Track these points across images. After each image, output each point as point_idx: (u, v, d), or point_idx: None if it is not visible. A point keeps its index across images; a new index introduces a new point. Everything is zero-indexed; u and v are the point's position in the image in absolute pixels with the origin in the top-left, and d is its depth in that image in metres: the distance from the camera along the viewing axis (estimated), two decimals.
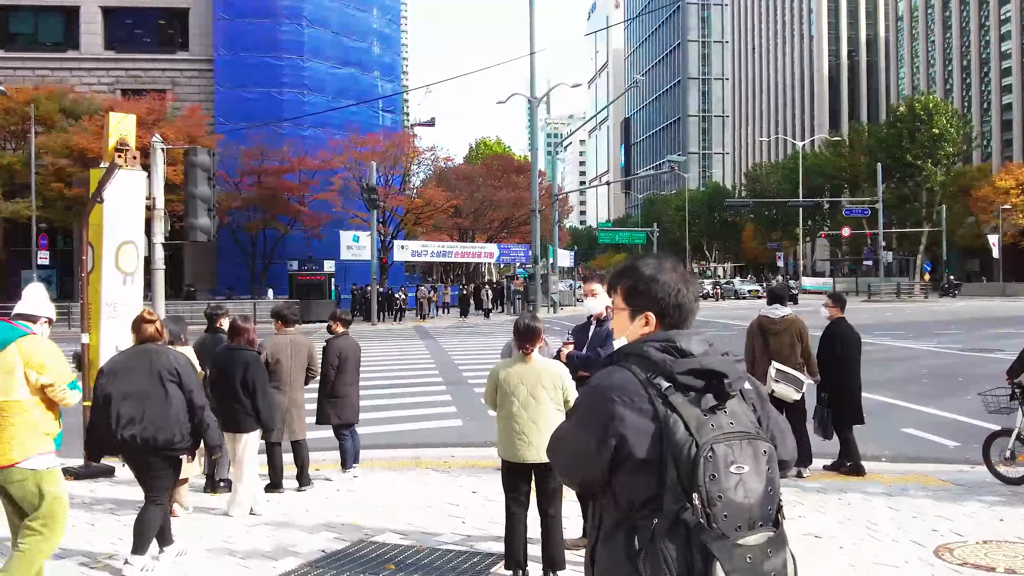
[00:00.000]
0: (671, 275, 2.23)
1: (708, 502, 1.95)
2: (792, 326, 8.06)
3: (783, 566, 2.04)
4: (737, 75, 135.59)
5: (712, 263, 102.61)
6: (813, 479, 7.87)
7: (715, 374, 2.08)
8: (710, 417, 2.04)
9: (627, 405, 2.06)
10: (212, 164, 9.78)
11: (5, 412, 4.42)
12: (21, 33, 47.35)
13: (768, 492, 2.03)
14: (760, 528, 2.00)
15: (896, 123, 64.17)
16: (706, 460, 1.97)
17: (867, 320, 31.98)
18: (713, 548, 1.94)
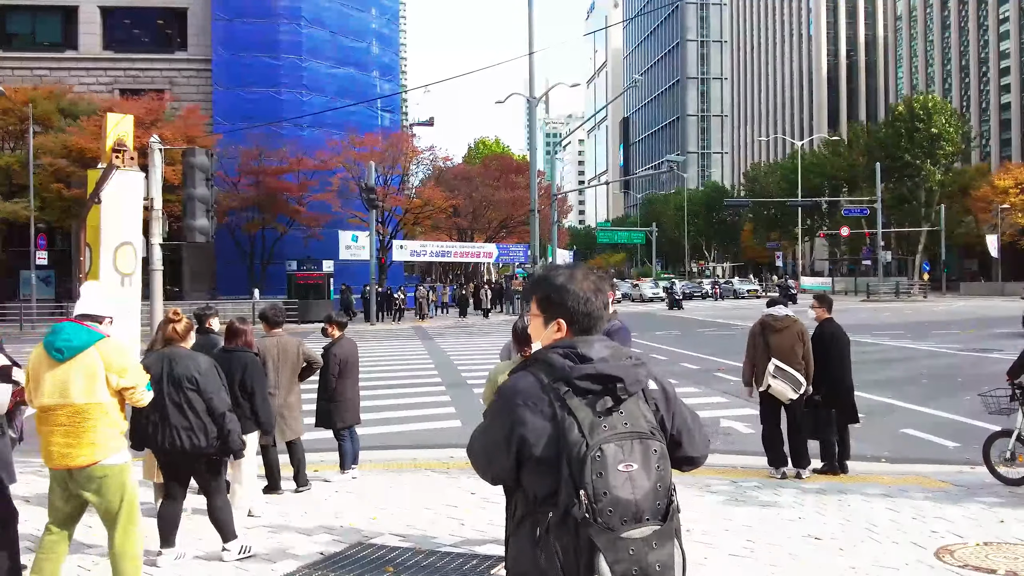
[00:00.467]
0: (581, 285, 2.37)
1: (594, 498, 2.09)
2: (794, 327, 8.11)
3: (669, 558, 2.17)
4: (736, 75, 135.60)
5: (711, 263, 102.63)
6: (813, 480, 7.86)
7: (611, 378, 2.23)
8: (604, 419, 2.19)
9: (529, 408, 2.22)
10: (210, 165, 9.75)
11: (88, 414, 4.50)
12: (19, 33, 47.27)
13: (657, 488, 2.17)
14: (647, 522, 2.14)
15: (894, 123, 64.20)
16: (594, 459, 2.12)
17: (865, 320, 31.99)
18: (597, 541, 2.08)
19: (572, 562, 2.12)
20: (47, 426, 4.54)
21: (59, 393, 4.49)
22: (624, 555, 2.09)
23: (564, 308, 2.37)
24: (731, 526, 6.28)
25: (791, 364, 7.90)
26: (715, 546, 5.82)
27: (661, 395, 2.36)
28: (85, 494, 4.61)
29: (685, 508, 6.72)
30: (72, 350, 4.50)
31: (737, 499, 7.10)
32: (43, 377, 4.54)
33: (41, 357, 4.59)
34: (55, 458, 4.54)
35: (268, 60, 45.74)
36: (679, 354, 20.50)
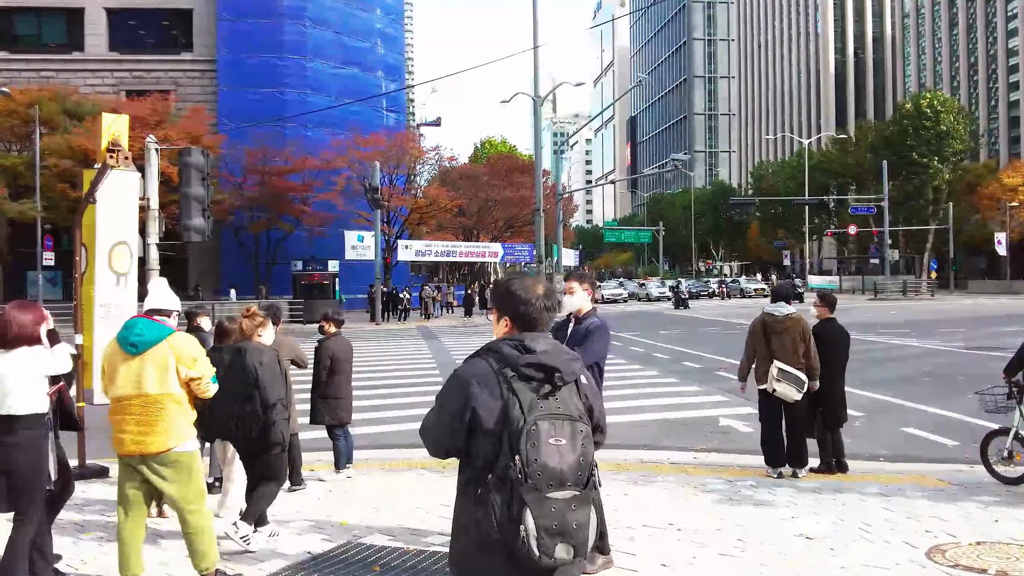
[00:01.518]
0: (529, 291, 2.83)
1: (527, 463, 2.52)
2: (796, 325, 7.96)
3: (586, 519, 2.58)
4: (743, 73, 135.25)
5: (718, 261, 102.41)
6: (809, 479, 7.81)
7: (551, 368, 2.67)
8: (542, 401, 2.62)
9: (481, 387, 2.66)
10: (206, 164, 9.74)
11: (161, 403, 4.82)
12: (25, 35, 47.50)
13: (580, 461, 2.59)
14: (569, 488, 2.55)
15: (902, 120, 63.94)
16: (529, 432, 2.54)
17: (871, 318, 31.87)
18: (526, 498, 2.50)
19: (505, 515, 2.54)
20: (120, 415, 4.86)
21: (133, 384, 4.82)
22: (547, 512, 2.51)
23: (511, 309, 2.83)
24: (723, 525, 6.23)
25: (793, 364, 7.80)
26: (706, 545, 5.78)
27: (590, 389, 2.81)
28: (156, 479, 4.89)
29: (679, 508, 6.74)
30: (145, 344, 4.84)
31: (731, 498, 7.05)
32: (118, 370, 4.87)
33: (115, 351, 4.93)
34: (128, 445, 4.84)
35: (272, 60, 45.84)
36: (682, 353, 20.44)
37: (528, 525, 2.51)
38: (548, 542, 2.52)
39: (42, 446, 4.85)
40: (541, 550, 2.52)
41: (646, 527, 6.18)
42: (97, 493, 7.90)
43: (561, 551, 2.55)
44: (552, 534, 2.52)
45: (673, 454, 9.18)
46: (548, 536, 2.52)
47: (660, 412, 12.00)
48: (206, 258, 46.32)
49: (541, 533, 2.51)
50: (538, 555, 2.52)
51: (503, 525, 2.55)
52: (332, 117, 46.93)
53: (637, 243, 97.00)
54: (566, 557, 2.56)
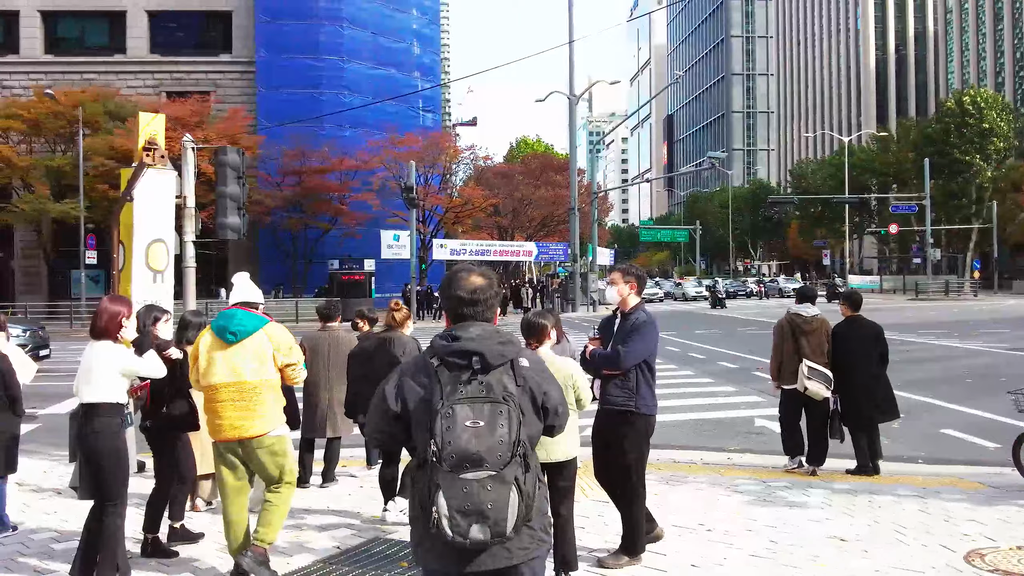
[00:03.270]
0: (459, 285, 2.95)
1: (441, 446, 2.60)
2: (823, 326, 8.07)
3: (503, 500, 2.60)
4: (782, 70, 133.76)
5: (757, 261, 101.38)
6: (844, 480, 7.69)
7: (472, 353, 2.75)
8: (463, 385, 2.70)
9: (411, 377, 2.83)
10: (241, 163, 9.84)
11: (259, 389, 5.07)
12: (69, 38, 48.31)
13: (499, 443, 2.62)
14: (485, 468, 2.59)
15: (944, 118, 62.80)
16: (444, 416, 2.63)
17: (912, 318, 31.36)
18: (439, 480, 2.60)
19: (425, 496, 2.66)
20: (217, 403, 5.05)
21: (231, 372, 5.04)
22: (459, 493, 2.59)
23: (445, 302, 3.00)
24: (755, 526, 6.16)
25: (819, 363, 7.88)
26: (736, 546, 5.71)
27: (533, 371, 2.86)
28: (251, 462, 5.14)
29: (710, 508, 6.67)
30: (244, 333, 5.07)
31: (764, 499, 6.96)
32: (215, 359, 5.07)
33: (212, 341, 5.13)
34: (226, 430, 5.05)
35: (310, 61, 46.19)
36: (718, 353, 20.26)
37: (440, 506, 2.60)
38: (461, 522, 2.59)
39: (120, 433, 5.07)
40: (454, 530, 2.60)
41: (676, 527, 6.12)
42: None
43: (476, 531, 2.60)
44: (466, 514, 2.59)
45: (706, 454, 9.10)
46: (462, 516, 2.59)
47: (694, 412, 11.91)
48: (244, 257, 46.72)
49: (453, 514, 2.59)
50: (451, 535, 2.60)
51: (423, 507, 2.69)
52: (368, 117, 47.20)
53: (673, 242, 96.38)
54: (481, 537, 2.61)
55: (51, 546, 6.03)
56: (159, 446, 5.95)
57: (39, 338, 19.32)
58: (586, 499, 6.89)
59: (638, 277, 5.59)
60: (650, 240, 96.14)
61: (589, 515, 6.46)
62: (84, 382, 5.01)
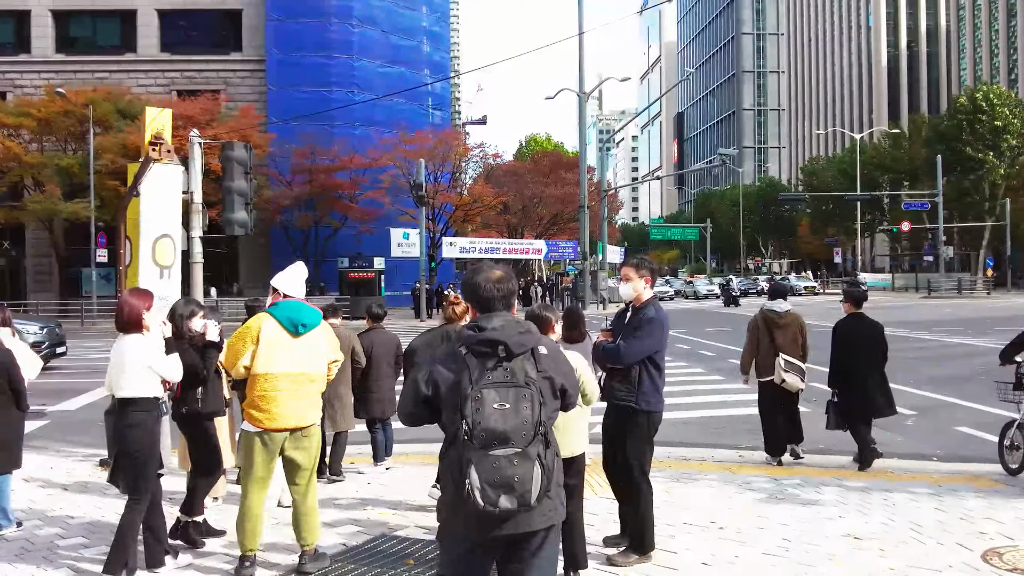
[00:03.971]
0: (482, 280, 3.26)
1: (472, 426, 2.91)
2: (795, 321, 8.51)
3: (528, 474, 2.92)
4: (793, 68, 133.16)
5: (767, 259, 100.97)
6: (857, 478, 7.57)
7: (497, 343, 3.05)
8: (490, 372, 3.01)
9: (442, 365, 3.13)
10: (248, 159, 9.76)
11: (314, 382, 5.22)
12: (80, 37, 48.44)
13: (524, 423, 2.94)
14: (511, 446, 2.91)
15: (956, 115, 62.32)
16: (474, 399, 2.94)
17: (925, 316, 31.13)
18: (470, 456, 2.90)
19: (457, 471, 2.96)
20: (276, 391, 5.06)
21: (295, 363, 5.12)
22: (488, 467, 2.89)
23: (469, 296, 3.31)
24: (767, 524, 6.06)
25: (794, 356, 8.28)
26: (748, 544, 5.61)
27: (551, 360, 3.20)
28: (292, 452, 5.16)
29: (722, 506, 6.58)
30: (311, 326, 5.20)
31: (776, 496, 6.86)
32: (278, 348, 5.09)
33: (277, 331, 5.13)
34: (284, 419, 5.08)
35: (320, 59, 46.19)
36: (727, 350, 20.09)
37: (472, 479, 2.90)
38: (491, 494, 2.90)
39: (154, 429, 5.14)
40: (485, 501, 2.89)
41: (687, 525, 6.03)
42: None
43: (504, 501, 2.91)
44: (495, 486, 2.90)
45: (717, 452, 9.01)
46: (491, 488, 2.90)
47: (704, 410, 11.81)
48: (255, 255, 46.87)
49: (484, 486, 2.89)
50: (483, 505, 2.90)
51: (456, 481, 2.98)
52: (378, 116, 47.17)
53: (684, 240, 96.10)
54: (510, 507, 2.93)
55: (56, 542, 5.98)
56: (194, 433, 5.98)
57: (55, 336, 19.33)
58: (595, 496, 6.80)
59: (651, 270, 5.51)
60: (660, 238, 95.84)
61: (599, 512, 6.38)
62: (116, 377, 5.07)
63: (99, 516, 6.64)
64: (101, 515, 6.65)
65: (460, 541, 3.09)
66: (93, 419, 11.56)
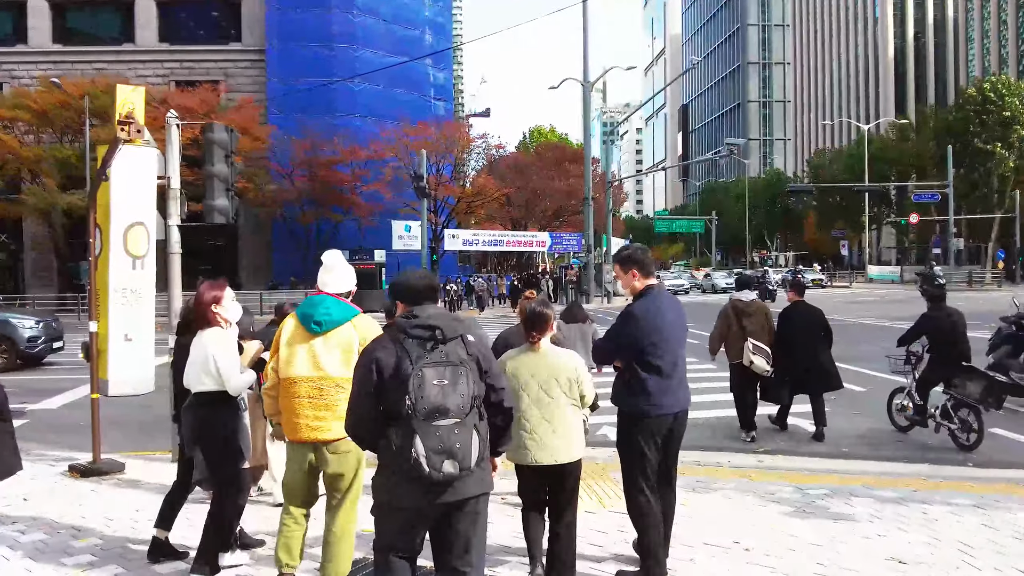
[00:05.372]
0: (410, 276, 3.65)
1: (415, 400, 3.21)
2: (760, 309, 9.49)
3: (467, 441, 3.25)
4: (799, 60, 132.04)
5: (773, 252, 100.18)
6: (887, 486, 6.90)
7: (433, 327, 3.38)
8: (428, 353, 3.33)
9: (382, 350, 3.42)
10: (230, 141, 9.11)
11: (342, 387, 4.37)
12: (78, 28, 47.85)
13: (461, 396, 3.27)
14: (451, 416, 3.23)
15: (964, 106, 61.48)
16: (416, 376, 3.25)
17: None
18: (416, 427, 3.20)
19: (404, 443, 3.23)
20: (295, 399, 4.48)
21: (314, 365, 4.47)
22: (432, 436, 3.20)
23: (403, 293, 3.62)
24: (797, 544, 5.40)
25: (761, 341, 9.14)
26: (779, 570, 4.96)
27: (478, 347, 3.52)
28: (322, 466, 4.53)
29: (744, 521, 5.91)
30: (331, 323, 4.50)
31: (804, 510, 6.20)
32: (296, 349, 4.51)
33: (295, 329, 4.57)
34: (302, 430, 4.48)
35: (321, 50, 45.56)
36: None
37: (418, 448, 3.19)
38: (436, 460, 3.20)
39: (232, 423, 4.97)
40: (431, 466, 3.20)
41: (707, 546, 5.38)
42: (106, 490, 7.32)
43: (448, 466, 3.22)
44: (439, 453, 3.20)
45: (733, 456, 8.36)
46: (436, 455, 3.20)
47: (717, 410, 11.14)
48: (257, 249, 46.37)
49: (430, 453, 3.19)
50: (428, 471, 3.20)
51: (402, 451, 3.23)
52: (380, 107, 46.54)
53: (689, 234, 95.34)
54: (452, 471, 3.23)
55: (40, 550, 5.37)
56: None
57: (52, 330, 18.90)
58: (604, 510, 6.17)
59: (637, 262, 4.81)
60: (665, 231, 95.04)
61: (608, 530, 5.73)
62: (194, 372, 4.89)
63: (61, 528, 6.01)
64: (63, 527, 6.03)
65: (399, 512, 3.38)
66: (75, 419, 10.98)
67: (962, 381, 8.69)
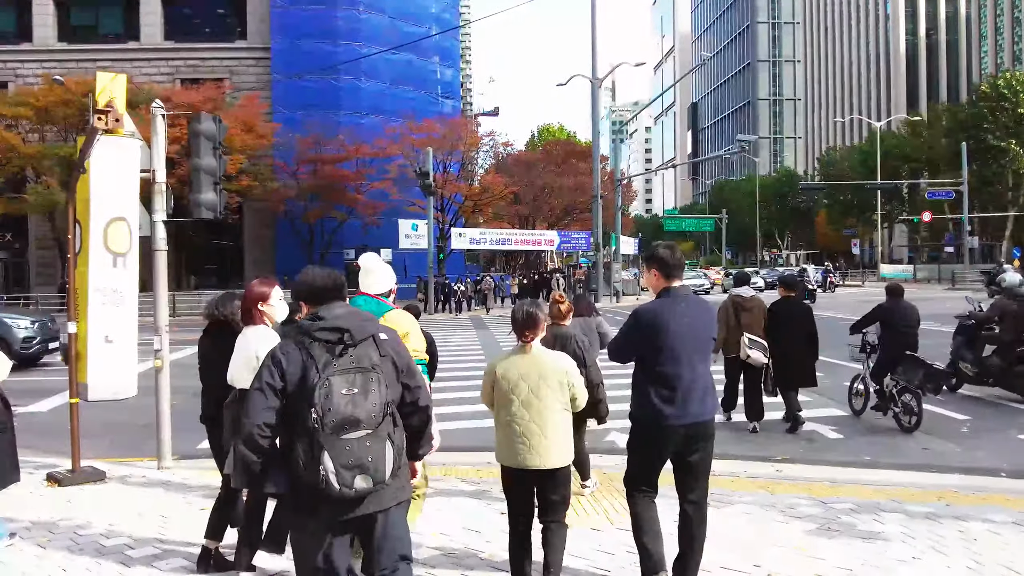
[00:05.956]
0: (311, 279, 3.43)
1: (322, 412, 3.01)
2: (759, 305, 9.79)
3: (380, 453, 3.08)
4: (809, 57, 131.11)
5: (784, 250, 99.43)
6: (917, 500, 6.40)
7: (340, 329, 3.21)
8: (336, 359, 3.15)
9: (284, 356, 3.20)
10: (218, 132, 8.67)
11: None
12: (82, 26, 47.56)
13: (373, 405, 3.08)
14: (362, 428, 3.05)
15: (978, 103, 60.75)
16: (322, 386, 3.05)
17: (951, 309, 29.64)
18: (323, 441, 3.01)
19: (308, 459, 3.04)
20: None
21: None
22: (342, 451, 3.02)
23: (306, 293, 3.44)
24: (825, 569, 4.89)
25: (757, 335, 9.46)
26: None
27: (392, 347, 3.32)
28: None
29: (765, 541, 5.39)
30: None
31: (829, 527, 5.69)
32: None
33: None
34: None
35: (326, 47, 45.13)
36: None
37: (327, 464, 2.98)
38: (347, 476, 3.00)
39: None
40: (341, 483, 2.99)
41: (725, 570, 4.89)
42: (86, 501, 6.87)
43: (360, 482, 3.03)
44: (349, 468, 3.00)
45: (750, 465, 7.85)
46: (346, 471, 3.00)
47: (733, 413, 10.66)
48: (261, 248, 46.05)
49: (339, 469, 2.99)
50: (339, 488, 2.99)
51: (307, 468, 3.01)
52: (386, 104, 46.11)
53: (698, 232, 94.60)
54: (365, 486, 3.05)
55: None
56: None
57: (48, 330, 18.48)
58: (611, 527, 5.69)
59: (656, 259, 4.49)
60: (674, 229, 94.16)
61: (615, 551, 5.25)
62: (238, 369, 4.74)
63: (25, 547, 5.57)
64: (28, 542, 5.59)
65: (312, 527, 3.18)
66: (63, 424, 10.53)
67: (905, 368, 9.38)
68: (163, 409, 8.44)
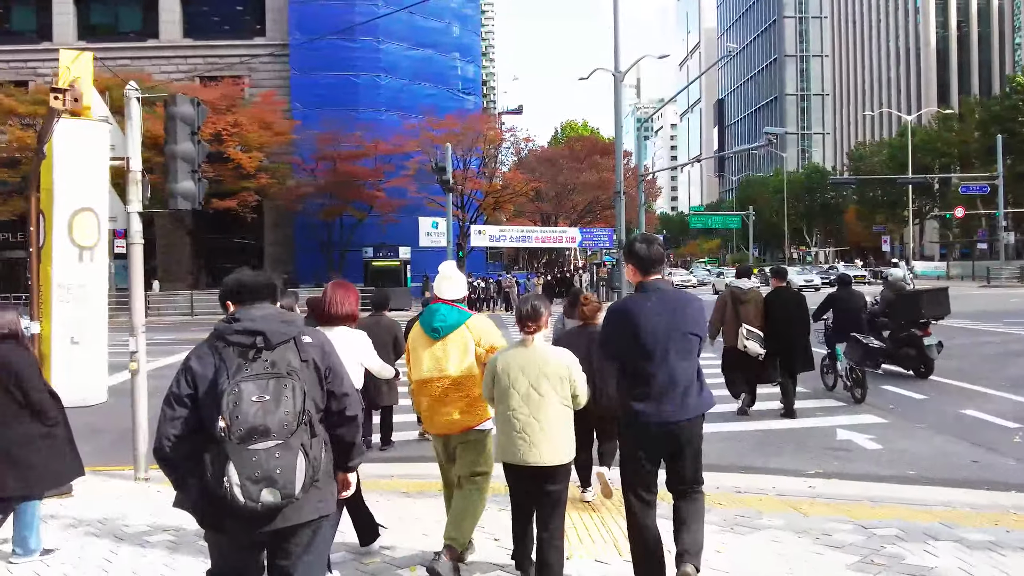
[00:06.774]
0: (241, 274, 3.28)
1: (230, 421, 2.83)
2: (756, 296, 10.01)
3: (290, 465, 2.86)
4: (837, 51, 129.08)
5: (813, 247, 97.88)
6: (971, 524, 5.58)
7: (255, 332, 3.03)
8: (248, 363, 2.97)
9: (197, 361, 3.07)
10: (196, 115, 8.01)
11: (463, 384, 4.86)
12: (101, 24, 47.47)
13: (285, 414, 2.88)
14: (273, 438, 2.85)
15: (1012, 95, 59.17)
16: (231, 393, 2.87)
17: (989, 307, 28.58)
18: (228, 451, 2.82)
19: (215, 469, 2.87)
20: (426, 397, 4.95)
21: (436, 367, 4.90)
22: (248, 462, 2.82)
23: (230, 293, 3.28)
24: None
25: (755, 326, 9.72)
26: None
27: (318, 349, 3.18)
28: (457, 455, 4.96)
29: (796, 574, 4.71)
30: (448, 328, 4.91)
31: (874, 561, 4.87)
32: (421, 353, 4.96)
33: (419, 335, 5.03)
34: (438, 425, 4.95)
35: (344, 43, 44.55)
36: None
37: (231, 476, 2.82)
38: (252, 489, 2.83)
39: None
40: (245, 496, 2.82)
41: None
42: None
43: (267, 495, 2.85)
44: (256, 481, 2.82)
45: (779, 480, 7.05)
46: (252, 483, 2.82)
47: (758, 421, 9.84)
48: (280, 245, 45.66)
49: (244, 481, 2.82)
50: (243, 502, 2.83)
51: (213, 479, 2.87)
52: (405, 100, 45.53)
53: (725, 229, 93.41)
54: (272, 500, 2.86)
55: None
56: None
57: None
58: (619, 559, 4.94)
59: (631, 254, 4.33)
60: (700, 227, 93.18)
61: (612, 562, 4.51)
62: None
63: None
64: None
65: (224, 541, 3.03)
66: None
67: (849, 348, 10.87)
68: (140, 415, 7.84)
